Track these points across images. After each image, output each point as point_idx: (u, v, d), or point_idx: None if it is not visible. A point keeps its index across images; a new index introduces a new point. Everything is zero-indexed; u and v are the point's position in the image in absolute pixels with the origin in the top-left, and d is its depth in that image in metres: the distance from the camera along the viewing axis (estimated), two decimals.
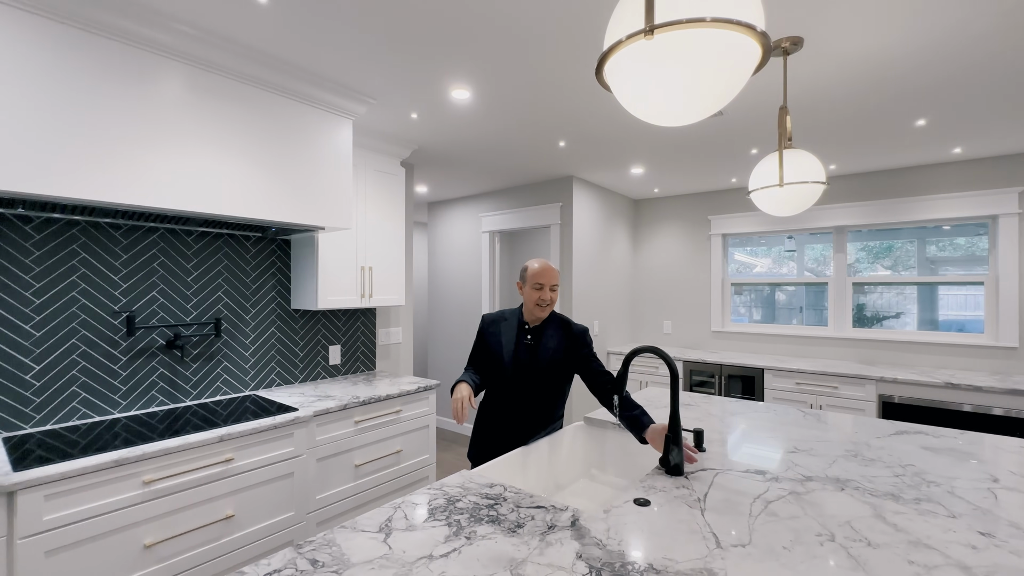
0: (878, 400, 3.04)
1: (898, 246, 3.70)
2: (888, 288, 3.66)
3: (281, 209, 2.03)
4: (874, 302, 3.72)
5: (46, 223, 1.84)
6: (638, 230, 4.84)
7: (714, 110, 0.73)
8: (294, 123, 2.08)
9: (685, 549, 0.97)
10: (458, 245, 4.69)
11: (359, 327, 3.00)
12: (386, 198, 2.85)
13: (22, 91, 1.41)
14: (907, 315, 3.58)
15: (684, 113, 0.73)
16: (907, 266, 3.67)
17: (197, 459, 1.69)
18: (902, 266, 3.69)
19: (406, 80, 2.08)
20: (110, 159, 1.57)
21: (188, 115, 1.76)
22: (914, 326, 3.54)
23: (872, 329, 3.68)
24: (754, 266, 4.62)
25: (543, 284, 1.70)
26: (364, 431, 2.31)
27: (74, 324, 1.90)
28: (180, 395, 2.19)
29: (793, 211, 1.68)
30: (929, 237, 3.58)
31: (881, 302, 3.70)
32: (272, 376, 2.54)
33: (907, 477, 1.36)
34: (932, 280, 3.48)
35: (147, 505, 1.57)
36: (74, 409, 1.89)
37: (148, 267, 2.10)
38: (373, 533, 1.04)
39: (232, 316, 2.39)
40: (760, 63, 0.70)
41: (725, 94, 0.70)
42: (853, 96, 2.20)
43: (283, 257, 2.61)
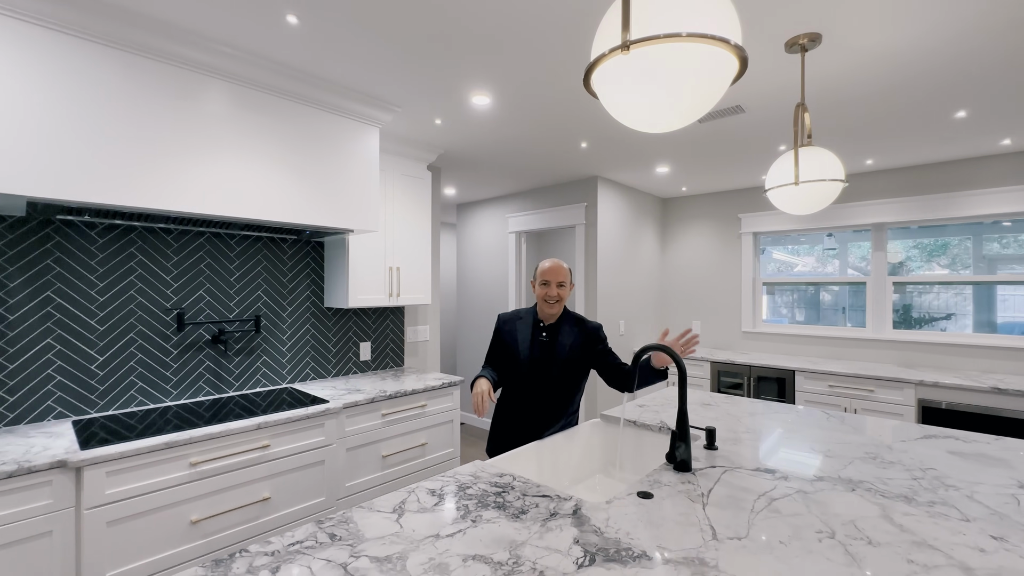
0: (917, 405, 2.91)
1: (955, 243, 3.49)
2: (943, 289, 3.45)
3: (313, 213, 2.17)
4: (930, 303, 3.51)
5: (108, 229, 2.04)
6: (666, 229, 4.79)
7: (696, 118, 0.76)
8: (325, 132, 2.21)
9: (680, 539, 1.01)
10: (485, 245, 4.78)
11: (388, 325, 3.13)
12: (413, 201, 2.96)
13: (88, 112, 1.58)
14: (962, 317, 3.37)
15: (666, 122, 0.77)
16: (965, 264, 3.45)
17: (237, 444, 1.84)
18: (961, 264, 3.47)
19: (429, 88, 2.17)
20: (160, 170, 1.74)
21: (229, 128, 1.91)
22: (970, 328, 3.33)
23: (914, 331, 3.51)
24: (795, 265, 4.47)
25: (549, 281, 1.76)
26: (391, 424, 2.42)
27: (132, 320, 2.09)
28: (224, 386, 2.37)
29: (810, 209, 1.66)
30: (987, 234, 3.37)
31: (938, 303, 3.49)
32: (307, 370, 2.70)
33: (925, 480, 1.33)
34: (983, 279, 3.29)
35: (193, 485, 1.72)
36: (132, 397, 2.09)
37: (196, 268, 2.28)
38: (387, 513, 1.12)
39: (270, 313, 2.56)
40: (738, 74, 0.73)
41: (705, 103, 0.74)
42: (881, 90, 2.13)
43: (317, 258, 2.76)
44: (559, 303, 1.79)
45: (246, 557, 0.93)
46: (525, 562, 0.92)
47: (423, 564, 0.91)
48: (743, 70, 0.72)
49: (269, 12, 1.59)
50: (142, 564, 1.61)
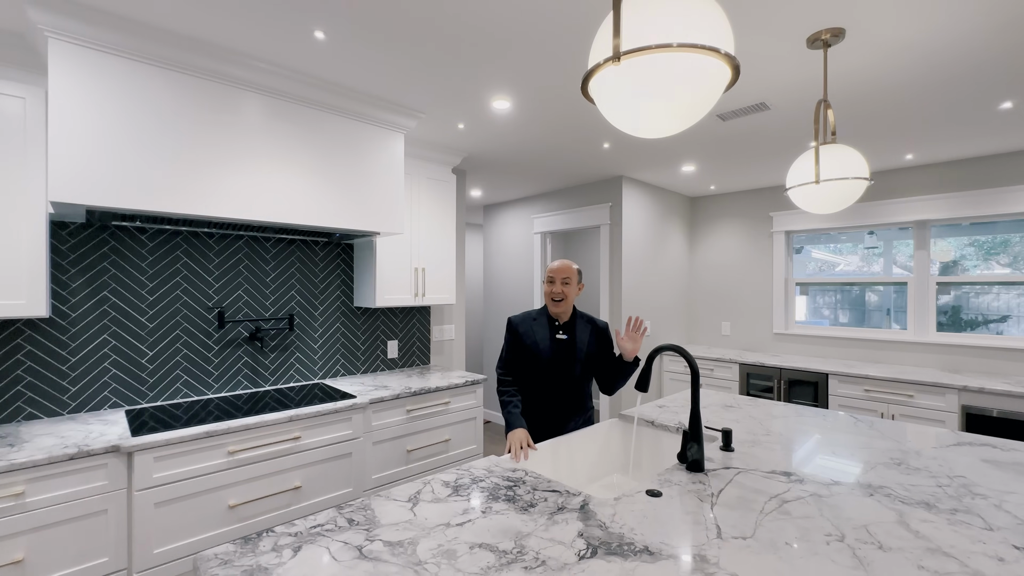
0: (961, 411, 2.77)
1: (1016, 241, 3.26)
2: (1008, 288, 3.22)
3: (342, 217, 2.28)
4: (988, 304, 3.30)
5: (157, 233, 2.20)
6: (694, 228, 4.70)
7: (692, 123, 0.78)
8: (352, 140, 2.31)
9: (684, 537, 1.02)
10: (511, 246, 4.83)
11: (415, 324, 3.23)
12: (438, 203, 3.05)
13: (141, 127, 1.73)
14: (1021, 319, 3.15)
15: (661, 128, 0.79)
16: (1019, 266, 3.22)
17: (271, 435, 1.96)
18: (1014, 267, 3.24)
19: (450, 94, 2.24)
20: (204, 179, 1.87)
21: (264, 138, 2.04)
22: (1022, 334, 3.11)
23: (961, 334, 3.33)
24: (837, 264, 4.30)
25: (554, 278, 1.81)
26: (415, 419, 2.51)
27: (178, 318, 2.26)
28: (260, 380, 2.51)
29: (833, 208, 1.62)
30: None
31: (998, 303, 3.28)
32: (337, 367, 2.82)
33: (951, 488, 1.29)
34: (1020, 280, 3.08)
35: (231, 472, 1.85)
36: (178, 389, 2.25)
37: (235, 269, 2.43)
38: (402, 502, 1.18)
39: (303, 312, 2.69)
40: (731, 81, 0.74)
41: (700, 109, 0.75)
42: (912, 82, 2.05)
43: (347, 260, 2.88)
44: (564, 301, 1.83)
45: (271, 537, 1.01)
46: (529, 551, 0.96)
47: (432, 549, 0.97)
48: (736, 78, 0.73)
49: (298, 29, 1.69)
50: (185, 544, 1.74)
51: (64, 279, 1.98)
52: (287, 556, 0.95)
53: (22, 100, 1.68)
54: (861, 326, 3.82)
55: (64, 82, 1.58)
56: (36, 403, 1.92)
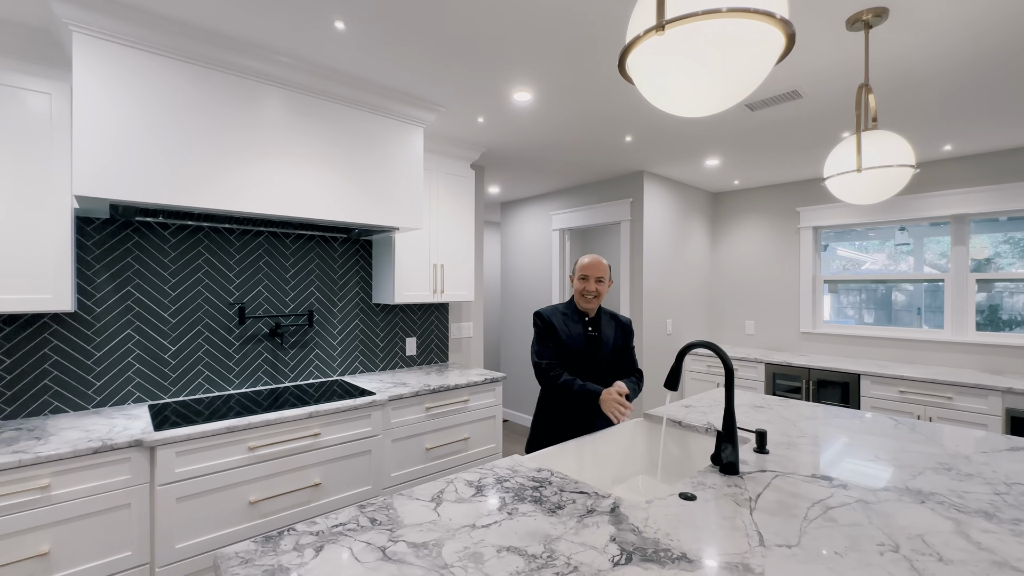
0: (1005, 414, 2.63)
1: None
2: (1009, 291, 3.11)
3: (361, 212, 2.26)
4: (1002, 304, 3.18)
5: (180, 229, 2.21)
6: (717, 224, 4.59)
7: (739, 100, 0.72)
8: (372, 134, 2.29)
9: (723, 544, 0.96)
10: (529, 243, 4.78)
11: (433, 321, 3.20)
12: (456, 199, 3.01)
13: (164, 123, 1.72)
14: None
15: (707, 105, 0.73)
16: None
17: (291, 431, 1.95)
18: None
19: (471, 87, 2.20)
20: (225, 174, 1.87)
21: (284, 132, 2.02)
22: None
23: (1001, 333, 3.17)
24: (862, 262, 4.16)
25: (588, 275, 1.76)
26: (434, 417, 2.48)
27: (199, 314, 2.26)
28: (280, 376, 2.51)
29: (875, 199, 1.54)
30: None
31: (1009, 306, 3.15)
32: (356, 364, 2.81)
33: (1010, 496, 1.20)
34: None
35: (252, 467, 1.84)
36: (199, 384, 2.26)
37: (255, 265, 2.44)
38: (426, 502, 1.15)
39: (322, 309, 2.68)
40: (784, 51, 0.68)
41: (748, 84, 0.70)
42: (957, 67, 1.94)
43: (366, 256, 2.87)
44: (597, 299, 1.79)
45: (293, 535, 0.99)
46: (559, 556, 0.91)
47: (458, 552, 0.93)
48: (790, 47, 0.67)
49: (318, 18, 1.67)
50: (206, 539, 1.74)
51: (89, 274, 1.99)
52: (309, 556, 0.91)
53: (48, 96, 1.69)
54: (885, 325, 3.67)
55: (88, 77, 1.58)
56: (62, 396, 1.94)
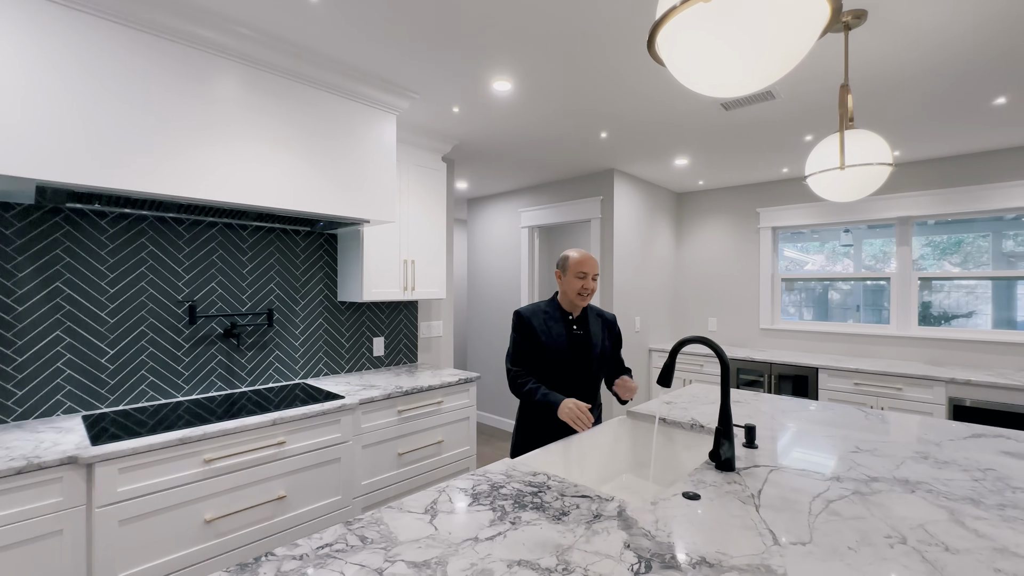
0: (948, 403, 2.82)
1: (969, 240, 3.42)
2: (957, 286, 3.38)
3: (329, 203, 2.10)
4: (941, 301, 3.44)
5: (119, 218, 1.97)
6: (681, 224, 4.70)
7: (776, 78, 0.68)
8: (341, 119, 2.14)
9: (739, 544, 0.93)
10: (497, 240, 4.71)
11: (401, 320, 3.06)
12: (428, 193, 2.89)
13: (97, 93, 1.52)
14: (979, 315, 3.30)
15: (743, 82, 0.69)
16: (979, 262, 3.38)
17: (252, 440, 1.78)
18: (973, 263, 3.40)
19: (449, 73, 2.10)
20: (172, 155, 1.67)
21: (243, 112, 1.85)
22: (988, 326, 3.27)
23: (942, 328, 3.41)
24: (805, 263, 4.38)
25: (586, 273, 1.68)
26: (407, 420, 2.35)
27: (143, 313, 2.03)
28: (236, 381, 2.31)
29: (855, 196, 1.58)
30: (1006, 230, 3.28)
31: (948, 301, 3.43)
32: (320, 366, 2.64)
33: (987, 482, 1.25)
34: (1011, 275, 3.19)
35: (208, 482, 1.66)
36: (143, 391, 2.03)
37: (208, 260, 2.22)
38: (419, 514, 1.05)
39: (283, 307, 2.49)
40: (828, 23, 0.65)
41: (788, 60, 0.66)
42: (922, 73, 2.04)
43: (330, 251, 2.70)
44: (591, 296, 1.73)
45: (273, 561, 0.86)
46: (575, 568, 0.85)
47: (464, 570, 0.84)
48: (835, 19, 0.64)
49: None
50: (155, 564, 1.54)
51: (9, 268, 1.74)
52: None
53: None
54: (837, 322, 3.88)
55: (7, 36, 1.36)
56: None
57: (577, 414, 1.54)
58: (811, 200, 3.93)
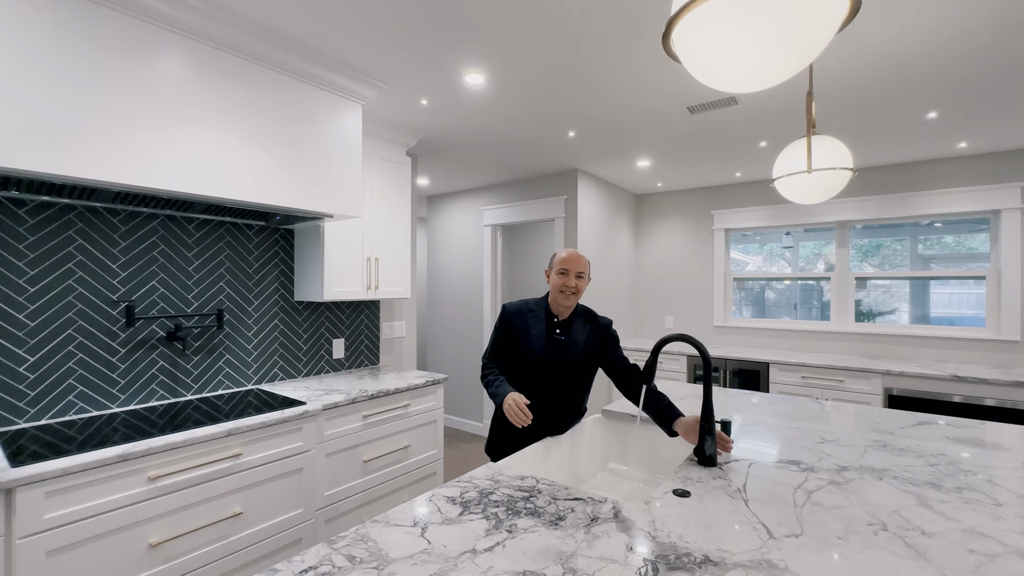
0: (884, 393, 3.05)
1: (886, 244, 3.75)
2: (876, 286, 3.70)
3: (289, 195, 1.96)
4: (868, 299, 3.74)
5: (41, 208, 1.74)
6: (639, 225, 4.82)
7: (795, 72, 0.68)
8: (303, 106, 2.00)
9: (738, 540, 0.93)
10: (458, 239, 4.63)
11: (363, 320, 2.93)
12: (392, 188, 2.78)
13: (20, 63, 1.32)
14: (899, 312, 3.62)
15: (763, 76, 0.69)
16: (894, 264, 3.71)
17: (205, 454, 1.62)
18: (889, 264, 3.73)
19: (419, 63, 2.02)
20: (110, 137, 1.49)
21: (193, 93, 1.68)
22: (906, 322, 3.59)
23: (875, 323, 3.70)
24: (746, 263, 4.62)
25: (568, 270, 1.64)
26: (372, 426, 2.24)
27: (70, 314, 1.81)
28: (181, 389, 2.10)
29: (820, 199, 1.66)
30: (921, 235, 3.62)
31: (868, 300, 3.73)
32: (275, 370, 2.46)
33: (942, 467, 1.34)
34: (934, 275, 3.51)
35: (152, 502, 1.49)
36: (70, 403, 1.80)
37: (148, 255, 2.01)
38: (408, 527, 0.98)
39: (234, 308, 2.30)
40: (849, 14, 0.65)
41: (808, 52, 0.66)
42: (870, 85, 2.19)
43: (286, 248, 2.53)
44: (576, 295, 1.65)
45: None
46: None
47: None
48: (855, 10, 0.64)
49: None
50: None
51: None
52: None
53: None
54: (783, 319, 4.13)
55: None
56: None
57: (515, 410, 1.46)
58: (761, 203, 4.14)
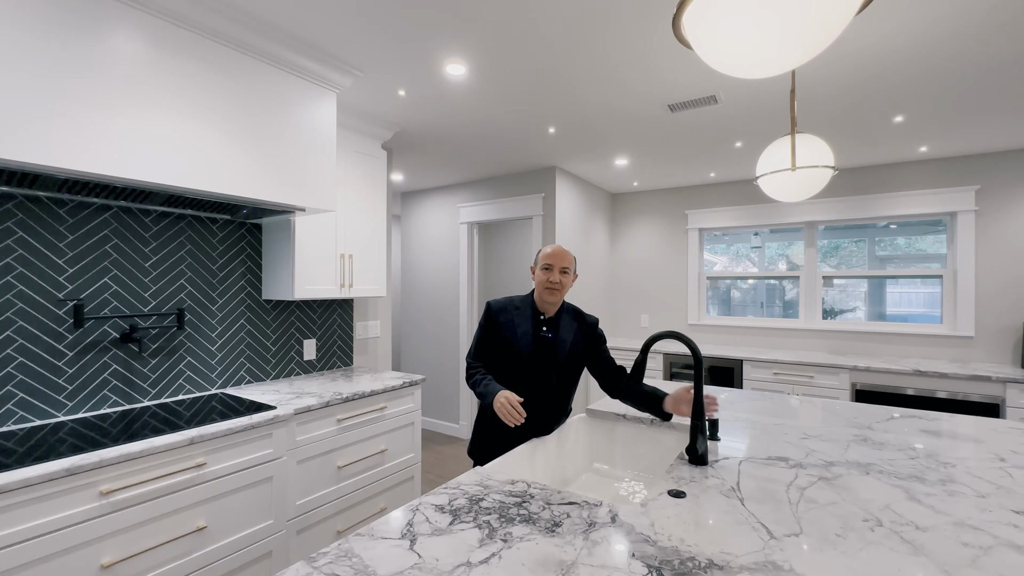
0: (851, 388, 3.15)
1: (844, 246, 3.90)
2: (835, 286, 3.84)
3: (258, 187, 1.84)
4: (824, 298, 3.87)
5: None
6: (615, 224, 4.84)
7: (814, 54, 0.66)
8: (274, 93, 1.89)
9: (739, 542, 0.91)
10: (433, 237, 4.53)
11: (335, 320, 2.81)
12: (367, 182, 2.67)
13: None
14: (858, 310, 3.78)
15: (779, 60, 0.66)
16: (851, 265, 3.87)
17: (164, 465, 1.50)
18: (846, 265, 3.88)
19: (398, 51, 1.93)
20: (53, 118, 1.35)
21: (151, 74, 1.55)
22: (863, 319, 3.74)
23: (840, 321, 3.83)
24: (714, 263, 4.72)
25: (552, 265, 1.60)
26: (347, 430, 2.15)
27: (9, 314, 1.64)
28: (137, 395, 1.95)
29: (802, 196, 1.67)
30: (878, 236, 3.79)
31: (828, 298, 3.87)
32: (241, 372, 2.32)
33: (922, 459, 1.36)
34: (895, 274, 3.66)
35: (105, 519, 1.36)
36: (9, 412, 1.63)
37: (99, 250, 1.85)
38: (396, 540, 0.91)
39: (196, 307, 2.16)
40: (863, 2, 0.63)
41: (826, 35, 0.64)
42: (843, 88, 2.24)
43: (253, 243, 2.39)
44: (560, 291, 1.62)
45: None
46: None
47: None
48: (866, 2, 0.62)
49: None
50: None
51: None
52: None
53: None
54: (754, 317, 4.23)
55: None
56: None
57: (508, 408, 1.43)
58: (734, 204, 4.22)
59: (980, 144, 3.08)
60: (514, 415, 1.42)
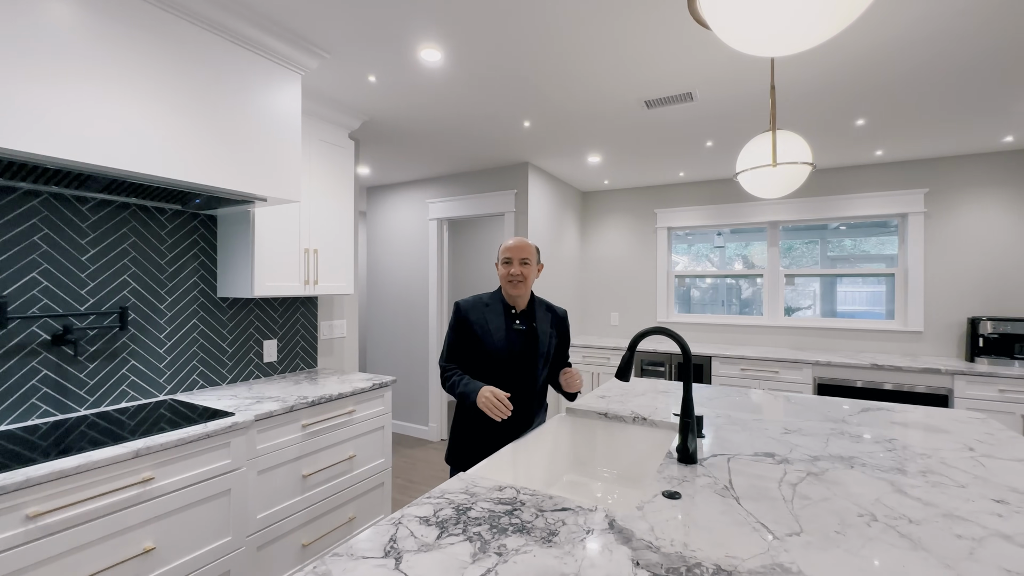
0: (814, 382, 3.26)
1: (796, 247, 4.07)
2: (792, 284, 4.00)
3: (216, 173, 1.68)
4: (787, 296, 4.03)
5: None
6: (586, 222, 4.84)
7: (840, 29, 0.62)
8: (234, 71, 1.73)
9: (742, 544, 0.88)
10: (401, 233, 4.39)
11: (298, 319, 2.64)
12: (333, 173, 2.53)
13: None
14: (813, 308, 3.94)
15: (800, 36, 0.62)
16: (802, 265, 4.04)
17: (104, 481, 1.33)
18: (797, 265, 4.05)
19: (370, 31, 1.82)
20: None
21: (95, 45, 1.38)
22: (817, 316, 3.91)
23: (800, 318, 3.97)
24: (676, 263, 4.81)
25: (511, 258, 1.58)
26: (313, 436, 2.01)
27: None
28: (72, 403, 1.75)
29: (782, 192, 1.69)
30: (829, 238, 3.97)
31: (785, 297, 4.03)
32: (194, 376, 2.14)
33: (899, 451, 1.39)
34: (851, 272, 3.83)
35: (33, 546, 1.20)
36: None
37: (26, 241, 1.65)
38: (379, 559, 0.82)
39: (142, 305, 1.96)
40: None
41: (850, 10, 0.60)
42: (815, 90, 2.30)
43: (207, 236, 2.21)
44: (524, 283, 1.59)
45: None
46: None
47: None
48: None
49: None
50: None
51: None
52: None
53: None
54: (721, 314, 4.33)
55: None
56: None
57: (494, 402, 1.41)
58: (701, 203, 4.30)
59: (930, 149, 3.25)
60: (500, 408, 1.40)
